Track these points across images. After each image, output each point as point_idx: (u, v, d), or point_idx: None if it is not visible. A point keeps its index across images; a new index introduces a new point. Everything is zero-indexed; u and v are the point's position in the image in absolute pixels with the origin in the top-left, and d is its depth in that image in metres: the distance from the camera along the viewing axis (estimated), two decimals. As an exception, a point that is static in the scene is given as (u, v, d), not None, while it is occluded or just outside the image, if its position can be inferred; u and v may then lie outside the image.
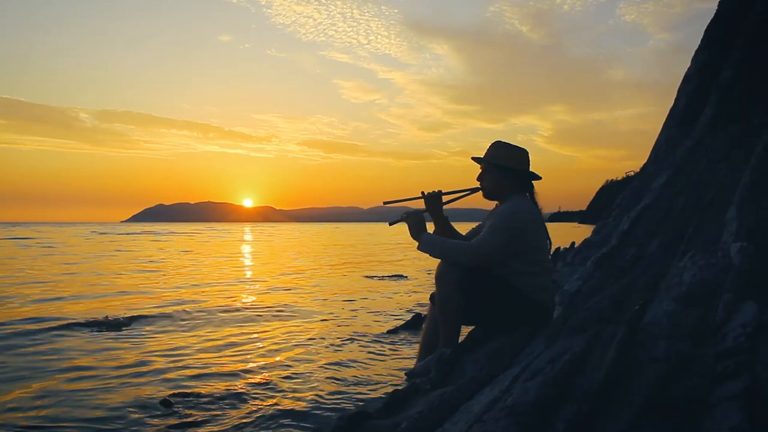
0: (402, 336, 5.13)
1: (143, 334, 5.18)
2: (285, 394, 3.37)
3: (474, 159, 2.91)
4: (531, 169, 2.83)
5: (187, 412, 3.03)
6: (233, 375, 3.78)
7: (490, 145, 2.89)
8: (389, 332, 5.29)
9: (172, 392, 3.34)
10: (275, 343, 4.83)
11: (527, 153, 2.84)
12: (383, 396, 2.99)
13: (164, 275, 11.26)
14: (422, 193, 2.92)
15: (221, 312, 6.55)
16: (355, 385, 3.57)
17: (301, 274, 11.86)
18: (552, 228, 2.97)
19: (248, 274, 12.27)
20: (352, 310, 6.77)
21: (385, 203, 3.11)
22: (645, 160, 5.48)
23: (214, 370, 3.91)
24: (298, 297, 8.02)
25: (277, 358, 4.27)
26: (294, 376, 3.75)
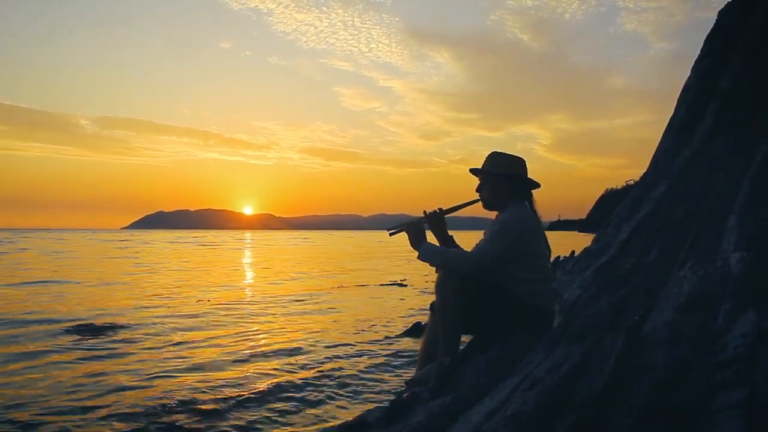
0: (402, 344, 5.12)
1: (145, 339, 5.17)
2: (284, 402, 3.36)
3: (471, 171, 2.92)
4: (529, 176, 2.84)
5: (186, 419, 3.02)
6: (232, 382, 3.76)
7: (486, 156, 2.91)
8: (389, 340, 5.28)
9: (172, 398, 3.33)
10: (274, 351, 4.81)
11: (523, 161, 2.85)
12: (383, 405, 2.98)
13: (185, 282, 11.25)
14: (424, 212, 2.94)
15: (223, 317, 6.53)
16: (354, 393, 3.56)
17: (302, 281, 11.84)
18: (551, 237, 2.97)
19: (252, 279, 12.26)
20: (352, 318, 6.75)
21: (390, 233, 3.02)
22: (645, 169, 5.47)
23: (213, 376, 3.90)
24: (298, 304, 8.01)
25: (277, 366, 4.26)
26: (293, 383, 3.74)
